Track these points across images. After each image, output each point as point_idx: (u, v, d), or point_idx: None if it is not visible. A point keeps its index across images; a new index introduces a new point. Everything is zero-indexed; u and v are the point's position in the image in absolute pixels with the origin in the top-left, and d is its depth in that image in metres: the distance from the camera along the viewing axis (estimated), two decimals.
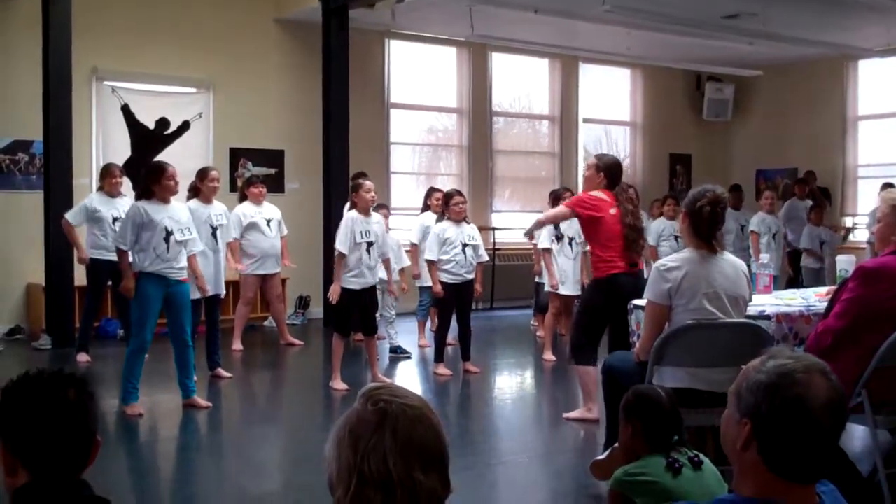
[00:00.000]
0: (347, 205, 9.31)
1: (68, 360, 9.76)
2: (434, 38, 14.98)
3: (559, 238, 9.77)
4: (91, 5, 11.53)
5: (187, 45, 12.81)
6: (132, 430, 7.08)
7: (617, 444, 3.80)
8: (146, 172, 7.67)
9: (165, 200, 7.42)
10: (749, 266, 5.89)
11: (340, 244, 8.26)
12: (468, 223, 9.39)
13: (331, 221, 11.52)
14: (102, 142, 12.30)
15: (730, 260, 5.02)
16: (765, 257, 8.02)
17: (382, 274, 8.89)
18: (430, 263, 9.21)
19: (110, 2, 12.15)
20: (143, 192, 7.53)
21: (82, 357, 9.69)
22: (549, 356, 9.92)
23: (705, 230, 4.90)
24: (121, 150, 12.19)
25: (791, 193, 14.75)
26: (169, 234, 7.31)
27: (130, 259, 7.46)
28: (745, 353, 4.73)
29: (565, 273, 9.76)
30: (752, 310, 5.22)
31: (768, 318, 5.28)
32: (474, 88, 15.51)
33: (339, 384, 8.34)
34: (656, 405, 3.56)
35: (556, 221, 6.66)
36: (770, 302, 5.95)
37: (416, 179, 15.29)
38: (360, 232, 8.32)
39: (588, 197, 6.77)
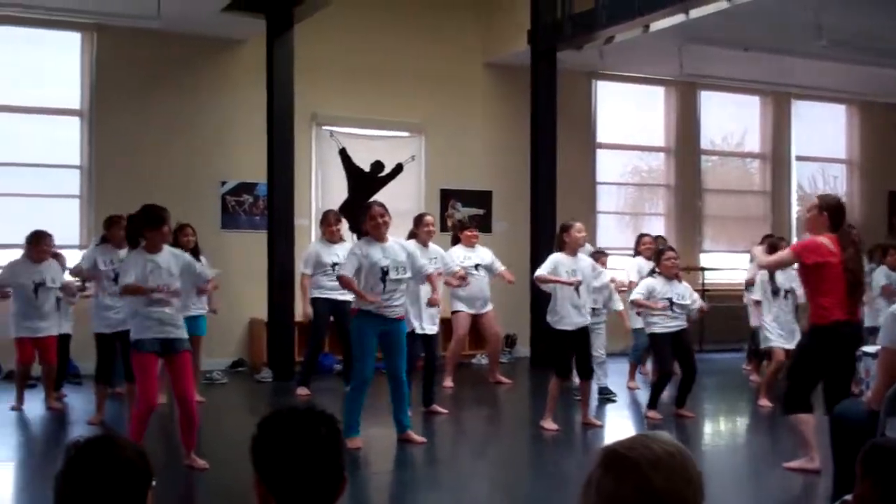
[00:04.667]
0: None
1: (288, 392, 10.19)
2: (641, 77, 14.93)
3: (775, 293, 9.46)
4: (312, 53, 12.09)
5: (401, 91, 13.25)
6: (353, 463, 7.29)
7: (849, 497, 3.66)
8: (360, 214, 8.00)
9: (379, 239, 7.62)
10: None
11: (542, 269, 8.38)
12: (679, 281, 9.20)
13: (538, 261, 11.53)
14: (321, 184, 12.84)
15: None
16: None
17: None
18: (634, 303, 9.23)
19: (329, 50, 12.71)
20: (361, 233, 7.84)
21: (302, 390, 10.07)
22: (764, 402, 9.62)
23: None
24: (338, 192, 12.68)
25: None
26: (385, 272, 7.51)
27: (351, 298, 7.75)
28: None
29: (784, 327, 9.44)
30: None
31: None
32: (682, 127, 15.35)
33: (549, 424, 8.36)
34: None
35: (778, 267, 6.44)
36: None
37: (622, 220, 15.23)
38: (567, 272, 8.34)
39: (812, 243, 6.56)
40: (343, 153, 12.91)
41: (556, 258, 8.44)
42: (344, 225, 11.04)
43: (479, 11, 13.92)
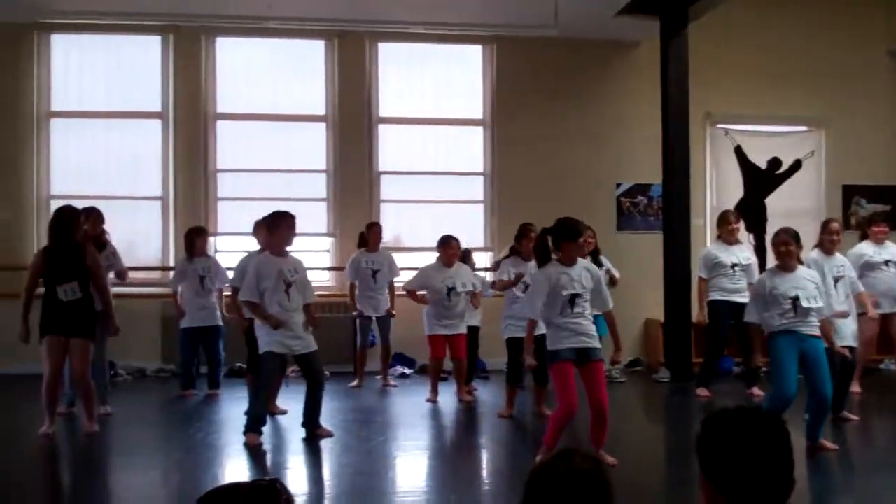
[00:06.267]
0: None
1: (687, 393, 10.17)
2: None
3: None
4: (704, 51, 11.99)
5: (798, 85, 12.83)
6: None
7: None
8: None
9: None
10: None
11: None
12: None
13: None
14: (716, 183, 12.70)
15: None
16: None
17: None
18: None
19: (722, 47, 12.55)
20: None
21: (702, 391, 9.99)
22: None
23: None
24: (733, 191, 12.49)
25: None
26: (796, 298, 7.28)
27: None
28: None
29: None
30: None
31: None
32: None
33: None
34: None
35: None
36: None
37: None
38: None
39: None
40: (738, 151, 12.69)
41: None
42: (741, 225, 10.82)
43: None
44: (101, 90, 12.27)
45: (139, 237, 12.04)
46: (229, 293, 9.60)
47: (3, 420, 9.00)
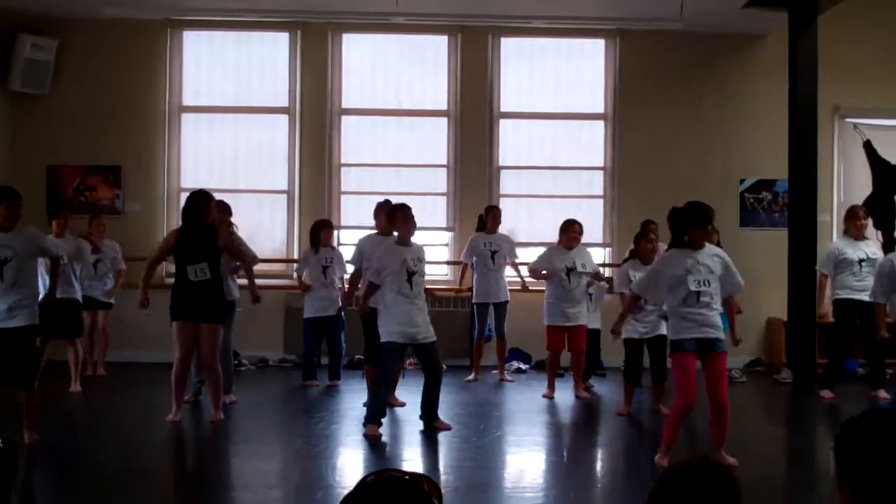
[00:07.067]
0: None
1: (810, 395, 9.97)
2: None
3: None
4: (833, 44, 11.64)
5: None
6: None
7: None
8: None
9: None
10: None
11: None
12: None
13: None
14: (843, 179, 12.37)
15: None
16: None
17: None
18: None
19: (852, 39, 12.16)
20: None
21: (826, 393, 9.78)
22: None
23: None
24: (861, 187, 12.10)
25: None
26: None
27: None
28: None
29: None
30: None
31: None
32: None
33: None
34: None
35: None
36: None
37: None
38: None
39: None
40: (868, 146, 12.29)
41: None
42: (869, 221, 10.53)
43: None
44: (230, 85, 12.62)
45: (264, 230, 12.34)
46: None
47: (134, 407, 9.36)
